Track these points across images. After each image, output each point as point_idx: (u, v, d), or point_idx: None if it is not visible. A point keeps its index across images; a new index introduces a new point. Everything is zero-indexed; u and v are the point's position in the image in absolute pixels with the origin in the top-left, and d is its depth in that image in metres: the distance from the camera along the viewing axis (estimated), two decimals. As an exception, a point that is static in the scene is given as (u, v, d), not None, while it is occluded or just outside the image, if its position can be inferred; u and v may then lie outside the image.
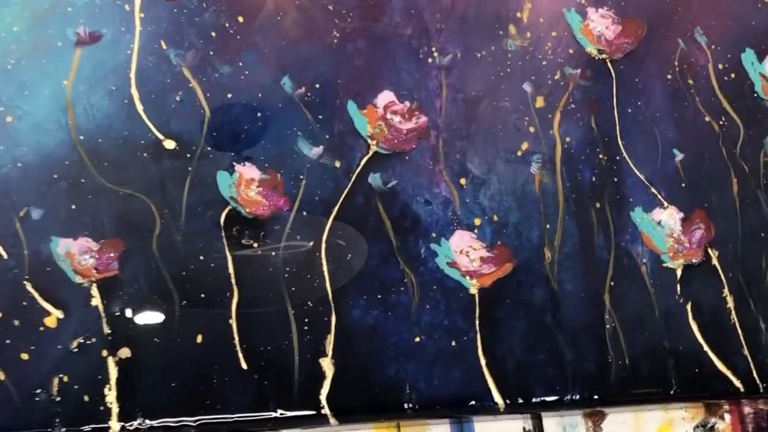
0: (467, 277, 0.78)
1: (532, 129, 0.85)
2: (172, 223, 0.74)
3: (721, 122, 0.91)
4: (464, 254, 0.79)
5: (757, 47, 0.96)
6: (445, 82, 0.85)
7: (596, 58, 0.90)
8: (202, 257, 0.74)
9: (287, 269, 0.75)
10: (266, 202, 0.77)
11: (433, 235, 0.79)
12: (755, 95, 0.93)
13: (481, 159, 0.83)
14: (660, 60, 0.92)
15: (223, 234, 0.75)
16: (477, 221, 0.81)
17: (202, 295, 0.73)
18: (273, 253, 0.76)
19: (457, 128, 0.84)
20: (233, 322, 0.73)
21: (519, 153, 0.84)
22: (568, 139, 0.86)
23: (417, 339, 0.76)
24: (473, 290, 0.78)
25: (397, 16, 0.86)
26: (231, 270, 0.74)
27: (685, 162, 0.88)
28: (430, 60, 0.86)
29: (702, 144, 0.90)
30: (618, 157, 0.86)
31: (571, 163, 0.85)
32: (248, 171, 0.77)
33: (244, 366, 0.72)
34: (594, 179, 0.85)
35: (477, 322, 0.77)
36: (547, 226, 0.82)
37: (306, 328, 0.74)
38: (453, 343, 0.76)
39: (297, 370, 0.72)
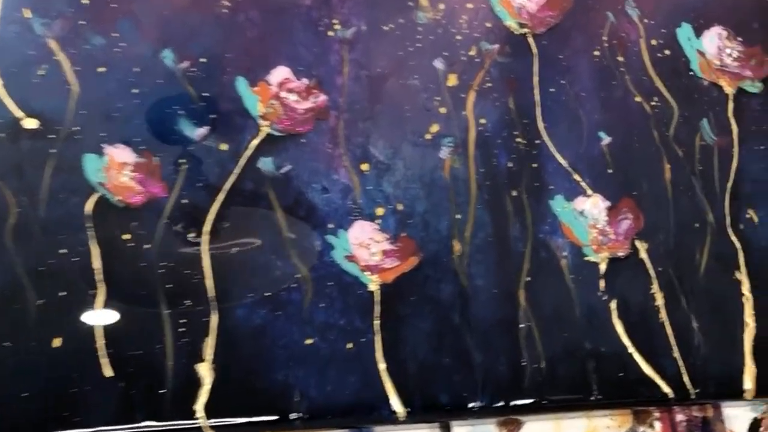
0: (367, 273, 0.77)
1: (443, 110, 0.85)
2: (31, 212, 0.72)
3: (653, 103, 0.91)
4: (364, 247, 0.78)
5: (695, 21, 0.97)
6: (347, 57, 0.85)
7: (516, 32, 0.90)
8: (63, 250, 0.72)
9: (162, 264, 0.73)
10: (140, 188, 0.75)
11: (330, 225, 0.79)
12: (691, 73, 0.95)
13: (385, 142, 0.83)
14: (587, 35, 0.93)
15: (89, 224, 0.73)
16: (380, 211, 0.80)
17: (62, 293, 0.70)
18: (148, 246, 0.74)
19: (360, 108, 0.83)
20: (97, 323, 0.70)
21: (428, 136, 0.84)
22: (483, 121, 0.86)
23: (309, 341, 0.75)
24: (373, 287, 0.77)
25: None
26: (97, 264, 0.72)
27: (612, 146, 0.89)
28: (331, 33, 0.85)
29: (631, 126, 0.91)
30: (538, 141, 0.86)
31: (486, 147, 0.85)
32: (120, 154, 0.76)
33: (109, 373, 0.69)
34: (511, 165, 0.85)
35: (376, 322, 0.77)
36: (458, 216, 0.82)
37: (182, 330, 0.72)
38: (349, 345, 0.76)
39: (170, 376, 0.71)
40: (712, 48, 0.97)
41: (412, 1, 0.88)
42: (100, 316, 0.71)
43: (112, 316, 0.72)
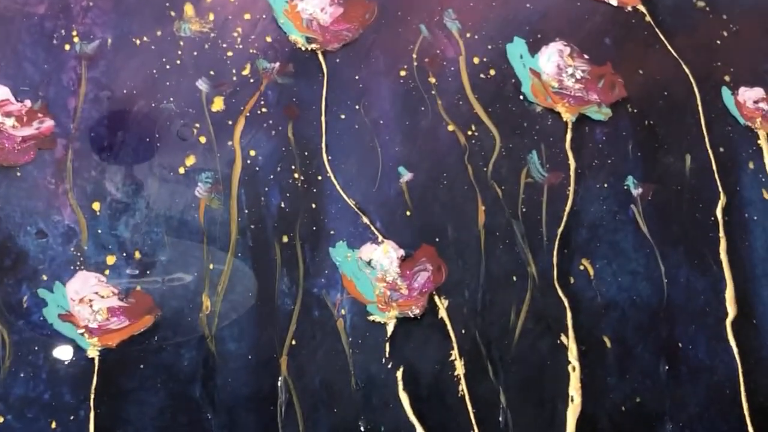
0: (86, 335, 0.79)
1: (203, 139, 0.88)
2: None
3: (470, 132, 0.96)
4: (86, 303, 0.81)
5: (531, 36, 1.02)
6: (86, 75, 0.88)
7: (303, 48, 0.94)
8: None
9: None
10: None
11: (44, 277, 0.81)
12: (522, 97, 0.99)
13: (126, 177, 0.86)
14: (392, 52, 0.97)
15: None
16: (110, 259, 0.83)
17: None
18: None
19: (96, 136, 0.87)
20: None
21: (182, 170, 0.87)
22: (252, 153, 0.89)
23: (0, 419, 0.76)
24: (92, 352, 0.80)
25: None
26: None
27: (413, 184, 0.93)
28: (67, 46, 0.89)
29: (440, 160, 0.95)
30: (320, 177, 0.90)
31: (255, 184, 0.89)
32: None
33: None
34: (284, 205, 0.88)
35: (92, 396, 0.78)
36: (211, 266, 0.84)
37: None
38: (53, 425, 0.77)
39: None
40: (551, 67, 1.02)
41: (175, 10, 0.92)
42: None
43: None
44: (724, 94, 1.09)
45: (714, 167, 1.05)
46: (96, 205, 0.87)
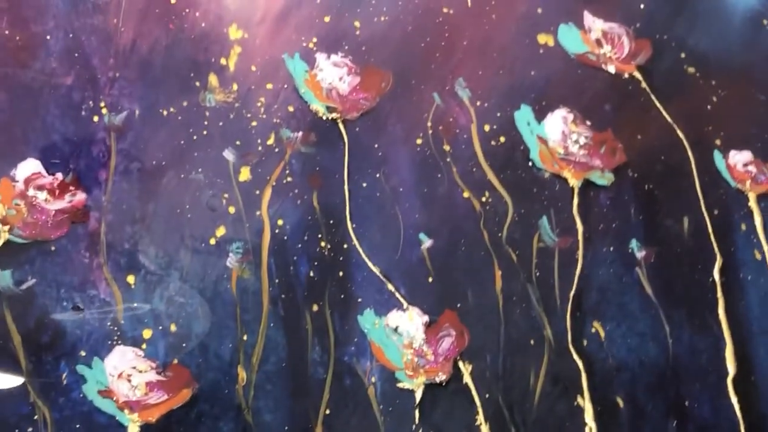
0: (126, 411, 0.81)
1: (232, 209, 0.90)
2: None
3: (484, 198, 0.99)
4: (124, 378, 0.82)
5: (536, 103, 1.06)
6: (115, 147, 0.89)
7: (324, 117, 0.97)
8: None
9: None
10: None
11: (82, 353, 0.82)
12: (530, 164, 1.02)
13: (158, 249, 0.87)
14: (408, 120, 1.00)
15: None
16: (147, 333, 0.84)
17: None
18: None
19: (128, 208, 0.88)
20: None
21: (212, 241, 0.89)
22: (280, 223, 0.91)
23: (46, 498, 0.76)
24: (134, 429, 0.80)
25: (55, 60, 0.90)
26: None
27: (434, 250, 0.95)
28: (96, 118, 0.90)
29: (457, 226, 0.97)
30: (346, 245, 0.92)
31: (284, 253, 0.91)
32: None
33: None
34: (312, 274, 0.90)
35: (135, 471, 0.79)
36: (245, 337, 0.86)
37: None
38: (99, 502, 0.78)
39: None
40: (556, 134, 1.06)
41: (200, 80, 0.94)
42: None
43: None
44: (716, 158, 1.14)
45: (710, 230, 1.10)
46: (130, 278, 0.88)
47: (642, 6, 1.16)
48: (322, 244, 0.94)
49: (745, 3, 1.23)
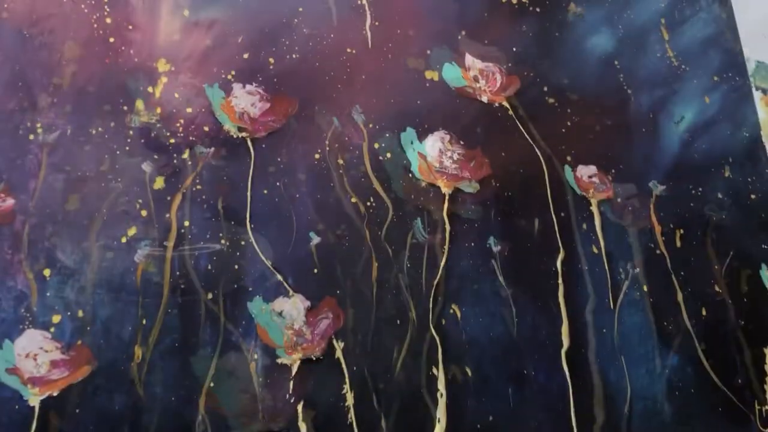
0: (29, 385, 0.52)
1: (144, 213, 0.61)
2: None
3: (369, 203, 0.68)
4: (31, 358, 0.54)
5: (420, 126, 0.75)
6: (46, 160, 0.60)
7: (235, 135, 0.66)
8: None
9: None
10: None
11: (-6, 336, 0.53)
12: (410, 175, 0.71)
13: (74, 246, 0.58)
14: (310, 139, 0.71)
15: None
16: (56, 318, 0.56)
17: None
18: None
19: (51, 212, 0.59)
20: None
21: (124, 239, 0.60)
22: (186, 224, 0.61)
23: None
24: (34, 401, 0.52)
25: (0, 88, 0.59)
26: None
27: (321, 246, 0.66)
28: (31, 136, 0.62)
29: (344, 226, 0.66)
30: (243, 242, 0.63)
31: (187, 250, 0.60)
32: None
33: None
34: (210, 267, 0.61)
35: (31, 439, 0.52)
36: (144, 321, 0.58)
37: None
38: (-7, 467, 0.51)
39: None
40: (434, 151, 0.76)
41: (128, 105, 0.64)
42: None
43: None
44: (566, 171, 0.83)
45: (556, 228, 0.79)
46: (46, 271, 0.61)
47: (514, 49, 0.83)
48: (222, 241, 0.64)
49: (600, 47, 0.89)
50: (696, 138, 0.94)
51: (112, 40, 0.71)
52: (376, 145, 0.79)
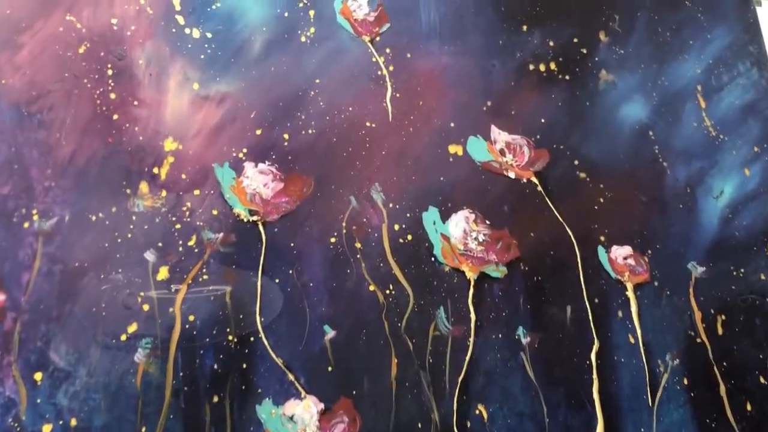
0: None
1: (146, 307, 0.58)
2: None
3: (388, 291, 0.65)
4: None
5: (443, 205, 0.72)
6: (41, 250, 0.58)
7: (246, 219, 0.64)
8: None
9: None
10: None
11: (-21, 450, 0.50)
12: (433, 259, 0.68)
13: (69, 346, 0.56)
14: (325, 221, 0.68)
15: None
16: (46, 428, 0.53)
17: None
18: None
19: (45, 308, 0.56)
20: None
21: (123, 337, 0.57)
22: (191, 318, 0.59)
23: None
24: None
25: None
26: None
27: (336, 340, 0.63)
28: (26, 224, 0.59)
29: (361, 318, 0.64)
30: (253, 338, 0.60)
31: (191, 347, 0.58)
32: None
33: None
34: (216, 367, 0.58)
35: None
36: (144, 429, 0.53)
37: None
38: None
39: None
40: (458, 232, 0.73)
41: (131, 188, 0.62)
42: None
43: None
44: (600, 252, 0.80)
45: (590, 317, 0.75)
46: (38, 375, 0.57)
47: (543, 120, 0.81)
48: (230, 337, 0.61)
49: (634, 116, 0.87)
50: (737, 214, 0.92)
51: (115, 117, 0.70)
52: (396, 227, 0.77)
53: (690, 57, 0.97)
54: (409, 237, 0.78)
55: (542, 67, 0.90)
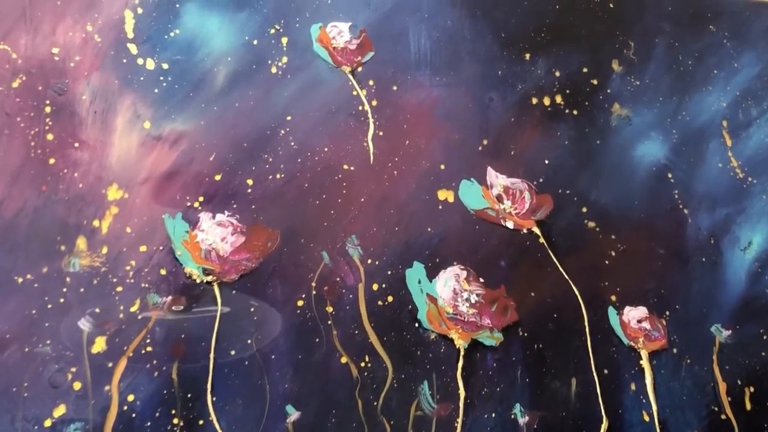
0: None
1: (77, 385, 0.52)
2: None
3: (363, 363, 0.58)
4: None
5: (430, 260, 0.66)
6: None
7: (199, 280, 0.57)
8: None
9: None
10: None
11: None
12: (417, 325, 0.62)
13: None
14: (291, 281, 0.62)
15: None
16: None
17: None
18: None
19: None
20: None
21: (48, 422, 0.51)
22: (131, 398, 0.53)
23: None
24: None
25: None
26: None
27: (300, 423, 0.56)
28: None
29: (330, 396, 0.57)
30: (202, 421, 0.53)
31: None
32: None
33: None
34: None
35: None
36: None
37: None
38: None
39: None
40: (447, 292, 0.67)
41: (66, 244, 0.55)
42: None
43: None
44: (610, 314, 0.73)
45: (598, 391, 0.68)
46: (-57, 471, 0.50)
47: (546, 161, 0.74)
48: (175, 421, 0.55)
49: (651, 156, 0.80)
50: (767, 269, 0.85)
51: (52, 161, 0.64)
52: (375, 286, 0.70)
53: (714, 89, 0.91)
54: (390, 299, 0.71)
55: (547, 101, 0.83)
